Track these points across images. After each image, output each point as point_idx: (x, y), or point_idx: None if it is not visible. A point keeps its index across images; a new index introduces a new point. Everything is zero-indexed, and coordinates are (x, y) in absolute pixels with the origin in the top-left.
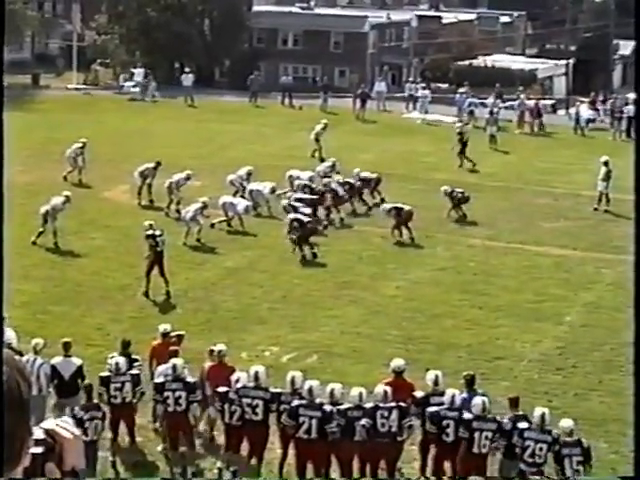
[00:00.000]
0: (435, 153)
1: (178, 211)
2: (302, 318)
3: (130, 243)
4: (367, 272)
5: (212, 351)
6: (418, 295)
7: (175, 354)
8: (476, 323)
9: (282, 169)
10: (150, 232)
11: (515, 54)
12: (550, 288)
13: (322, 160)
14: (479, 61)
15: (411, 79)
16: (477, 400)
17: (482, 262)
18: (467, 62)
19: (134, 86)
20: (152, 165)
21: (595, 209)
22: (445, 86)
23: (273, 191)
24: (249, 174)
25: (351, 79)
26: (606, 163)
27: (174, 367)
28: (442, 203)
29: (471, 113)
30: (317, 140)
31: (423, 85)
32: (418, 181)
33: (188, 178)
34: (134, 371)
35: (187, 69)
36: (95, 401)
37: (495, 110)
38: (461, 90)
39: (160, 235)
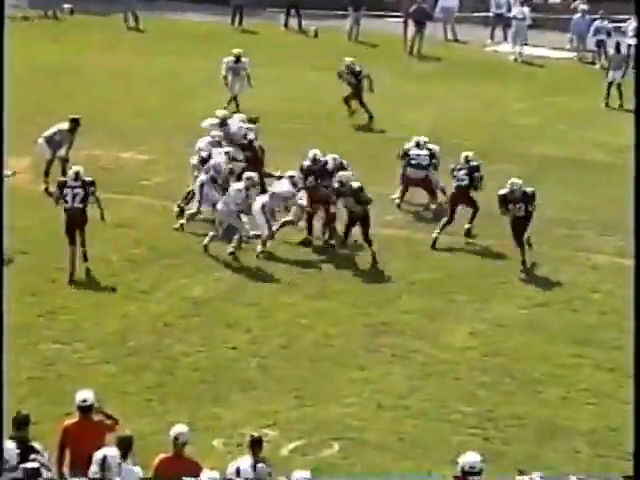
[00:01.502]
0: (536, 111)
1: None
2: (314, 383)
3: (33, 255)
4: (421, 307)
5: (176, 439)
6: (505, 347)
7: (100, 439)
8: (603, 394)
9: (283, 133)
10: (62, 179)
11: None
12: None
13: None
14: None
15: None
16: None
17: (613, 293)
18: None
19: None
20: (66, 126)
21: None
22: (556, 0)
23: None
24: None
25: None
26: None
27: (103, 462)
28: (547, 195)
29: (599, 45)
30: (227, 83)
31: None
32: (506, 156)
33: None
34: (32, 464)
35: None
36: None
37: (634, 41)
38: (582, 7)
39: (76, 186)
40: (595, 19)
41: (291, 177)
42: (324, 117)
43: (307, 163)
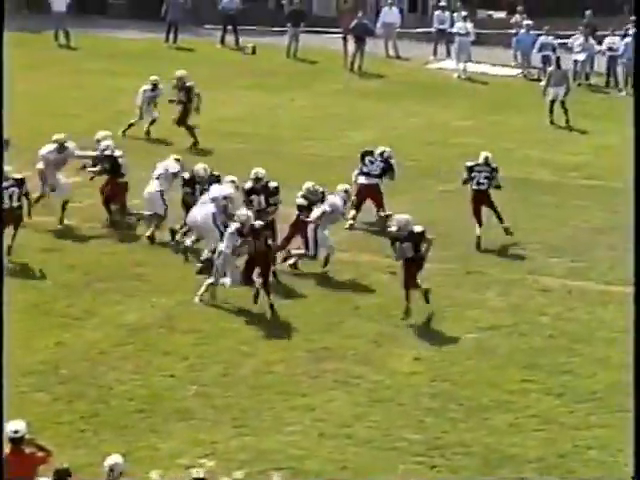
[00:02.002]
0: (482, 130)
1: None
2: (254, 411)
3: None
4: (366, 332)
5: (111, 470)
6: (451, 372)
7: (32, 471)
8: (551, 420)
9: (222, 154)
10: None
11: None
12: None
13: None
14: None
15: (443, 3)
16: None
17: (562, 316)
18: None
19: None
20: None
21: None
22: (501, 15)
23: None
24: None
25: (342, 2)
26: None
27: None
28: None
29: (545, 61)
30: (142, 114)
31: (463, 13)
32: (451, 176)
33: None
34: None
35: None
36: None
37: (581, 57)
38: (526, 22)
39: (10, 186)
40: (540, 35)
41: (232, 181)
42: (263, 137)
43: (249, 184)
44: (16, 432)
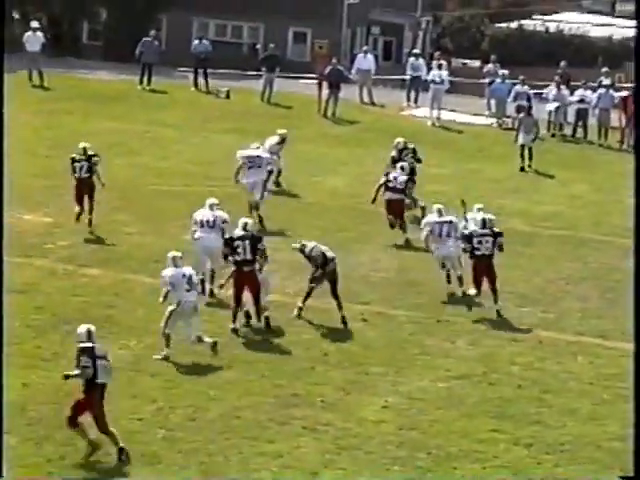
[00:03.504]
0: (457, 178)
1: None
2: (221, 456)
3: None
4: (334, 379)
5: None
6: (420, 420)
7: None
8: (520, 471)
9: (193, 196)
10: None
11: (597, 12)
12: None
13: None
14: (533, 22)
15: (417, 50)
16: None
17: (532, 366)
18: (513, 24)
19: None
20: None
21: None
22: (476, 64)
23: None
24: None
25: (316, 48)
26: None
27: None
28: (467, 264)
29: (519, 110)
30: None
31: (438, 62)
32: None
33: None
34: None
35: (34, 23)
36: None
37: (554, 107)
38: (501, 71)
39: (84, 159)
40: (515, 84)
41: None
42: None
43: (239, 231)
44: None
